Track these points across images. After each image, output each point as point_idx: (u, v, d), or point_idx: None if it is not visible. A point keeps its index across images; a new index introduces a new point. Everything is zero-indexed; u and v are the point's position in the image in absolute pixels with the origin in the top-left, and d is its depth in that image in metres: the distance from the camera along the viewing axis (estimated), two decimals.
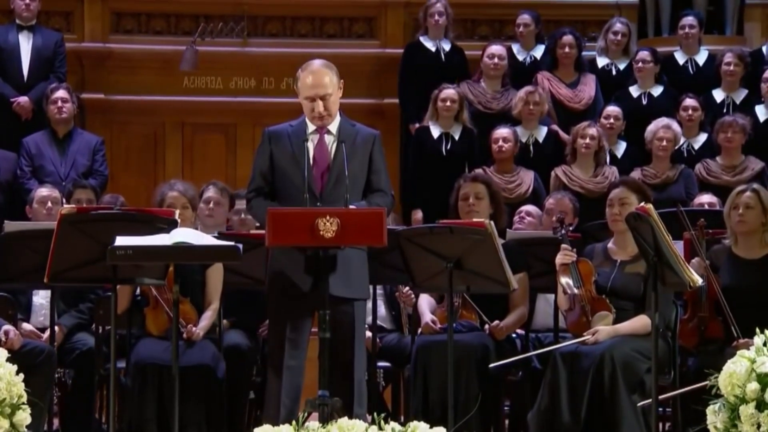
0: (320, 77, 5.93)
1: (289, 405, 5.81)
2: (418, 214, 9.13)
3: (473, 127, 9.25)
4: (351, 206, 5.71)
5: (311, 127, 6.00)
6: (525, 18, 10.02)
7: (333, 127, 6.00)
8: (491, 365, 6.39)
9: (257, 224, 7.23)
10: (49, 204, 7.70)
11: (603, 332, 6.26)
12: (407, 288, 7.07)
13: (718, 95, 9.66)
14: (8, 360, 5.41)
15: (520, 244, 6.93)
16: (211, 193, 7.60)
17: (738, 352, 5.29)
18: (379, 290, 7.18)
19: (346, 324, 5.84)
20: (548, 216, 7.92)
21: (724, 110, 9.50)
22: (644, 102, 9.65)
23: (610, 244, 6.60)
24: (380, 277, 6.78)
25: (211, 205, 7.53)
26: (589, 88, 9.78)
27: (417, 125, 9.46)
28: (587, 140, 8.84)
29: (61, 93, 9.05)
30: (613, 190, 6.62)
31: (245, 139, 10.46)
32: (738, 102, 9.60)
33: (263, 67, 10.68)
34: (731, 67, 9.57)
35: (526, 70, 9.95)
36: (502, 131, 8.96)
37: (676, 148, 9.05)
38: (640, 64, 9.65)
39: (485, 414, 6.49)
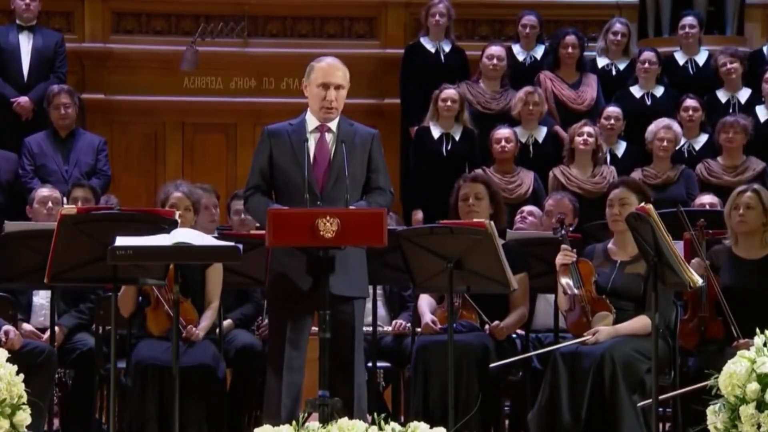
0: (337, 68, 6.00)
1: (290, 405, 5.82)
2: (419, 215, 9.12)
3: (474, 128, 9.25)
4: (351, 206, 5.72)
5: (311, 126, 6.01)
6: (531, 19, 10.01)
7: (333, 125, 6.01)
8: (491, 365, 6.39)
9: (257, 224, 7.23)
10: (50, 204, 7.69)
11: (603, 332, 6.26)
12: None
13: (723, 95, 9.66)
14: (8, 360, 5.41)
15: (520, 245, 6.94)
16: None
17: (738, 353, 5.29)
18: (379, 290, 7.18)
19: (346, 324, 5.84)
20: (548, 217, 7.92)
21: (730, 110, 9.50)
22: (648, 102, 9.65)
23: (610, 245, 6.60)
24: (380, 277, 6.79)
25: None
26: (591, 89, 9.77)
27: (416, 127, 9.46)
28: (584, 137, 8.83)
29: (63, 99, 9.02)
30: (612, 191, 6.61)
31: (245, 139, 10.46)
32: (743, 102, 9.60)
33: (263, 67, 10.68)
34: (728, 66, 9.58)
35: (526, 70, 9.95)
36: (504, 131, 8.95)
37: (677, 148, 9.05)
38: (646, 65, 9.64)
39: (485, 414, 6.49)
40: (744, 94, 9.65)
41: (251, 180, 6.07)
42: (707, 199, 8.29)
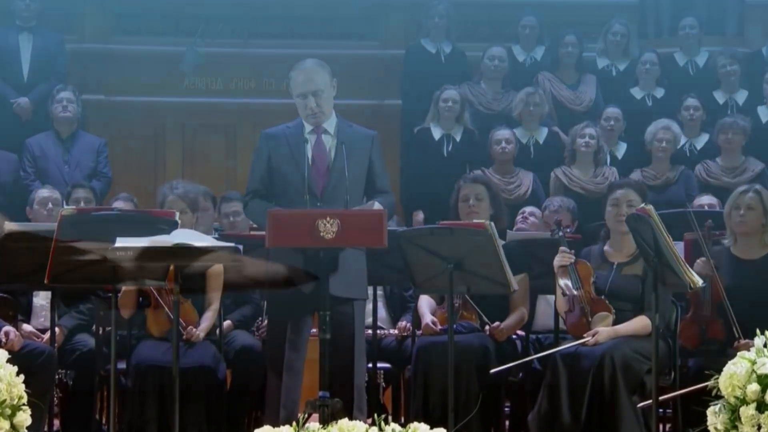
0: (311, 74, 5.97)
1: (290, 406, 5.81)
2: (420, 216, 9.12)
3: (474, 129, 9.25)
4: (361, 207, 5.72)
5: (308, 128, 6.01)
6: (531, 20, 10.04)
7: (330, 127, 6.01)
8: (492, 370, 6.38)
9: (253, 225, 7.23)
10: (50, 205, 7.71)
11: (603, 333, 6.26)
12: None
13: (720, 97, 9.66)
14: (9, 361, 5.40)
15: (520, 245, 6.93)
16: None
17: (738, 353, 5.29)
18: (379, 291, 7.18)
19: (345, 325, 5.83)
20: (547, 226, 7.86)
21: (728, 111, 9.50)
22: (649, 104, 9.66)
23: (606, 247, 6.59)
24: (380, 278, 6.78)
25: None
26: (590, 89, 9.79)
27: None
28: (586, 139, 8.84)
29: (67, 94, 9.09)
30: (617, 190, 6.57)
31: (245, 140, 10.44)
32: (740, 103, 9.60)
33: (263, 67, 10.68)
34: (728, 68, 9.59)
35: (526, 71, 9.95)
36: (504, 132, 8.96)
37: (679, 147, 9.06)
38: (648, 66, 9.65)
39: (485, 415, 6.49)
40: (741, 96, 9.65)
41: (250, 185, 6.09)
42: (706, 200, 8.29)
